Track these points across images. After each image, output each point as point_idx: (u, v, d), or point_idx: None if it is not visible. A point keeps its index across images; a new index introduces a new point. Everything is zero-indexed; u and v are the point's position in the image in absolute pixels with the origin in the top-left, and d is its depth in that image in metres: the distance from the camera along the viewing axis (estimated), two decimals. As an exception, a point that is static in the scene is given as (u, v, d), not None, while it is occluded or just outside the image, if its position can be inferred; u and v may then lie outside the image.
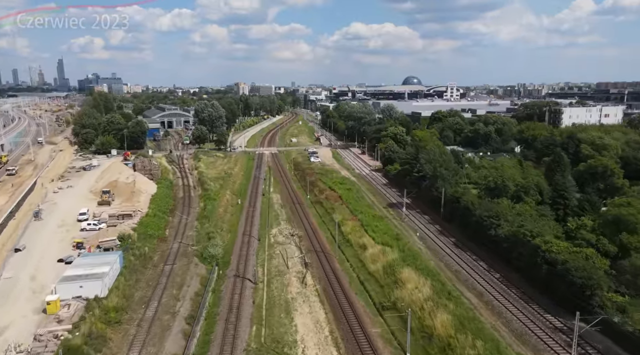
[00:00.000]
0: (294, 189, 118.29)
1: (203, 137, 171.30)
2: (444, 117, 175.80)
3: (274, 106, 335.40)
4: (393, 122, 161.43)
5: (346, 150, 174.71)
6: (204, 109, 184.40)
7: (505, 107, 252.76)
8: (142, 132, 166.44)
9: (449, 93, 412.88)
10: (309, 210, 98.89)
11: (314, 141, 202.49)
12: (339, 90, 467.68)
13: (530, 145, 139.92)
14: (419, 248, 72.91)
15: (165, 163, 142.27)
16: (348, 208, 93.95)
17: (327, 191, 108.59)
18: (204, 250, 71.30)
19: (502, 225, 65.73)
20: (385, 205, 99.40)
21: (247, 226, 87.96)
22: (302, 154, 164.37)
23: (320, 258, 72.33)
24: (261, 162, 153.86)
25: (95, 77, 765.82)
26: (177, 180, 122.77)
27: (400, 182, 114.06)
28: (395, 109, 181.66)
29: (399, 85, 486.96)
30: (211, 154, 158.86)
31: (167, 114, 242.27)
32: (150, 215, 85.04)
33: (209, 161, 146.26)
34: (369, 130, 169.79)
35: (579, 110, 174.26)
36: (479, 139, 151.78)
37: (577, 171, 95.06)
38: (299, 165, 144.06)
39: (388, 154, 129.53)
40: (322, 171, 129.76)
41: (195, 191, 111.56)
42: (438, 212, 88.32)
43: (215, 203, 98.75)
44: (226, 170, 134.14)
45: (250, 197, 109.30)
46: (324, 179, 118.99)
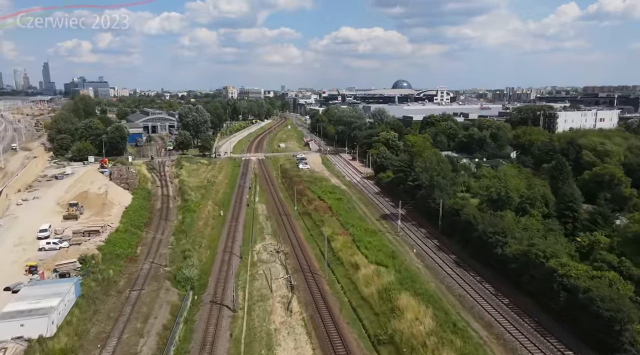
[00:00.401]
0: (280, 198, 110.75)
1: (187, 142, 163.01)
2: (437, 121, 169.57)
3: (262, 110, 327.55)
4: (385, 127, 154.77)
5: (336, 156, 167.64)
6: (188, 114, 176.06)
7: (497, 111, 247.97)
8: (122, 138, 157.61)
9: (439, 97, 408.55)
10: (297, 223, 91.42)
11: (303, 146, 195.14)
12: (329, 94, 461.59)
13: (526, 151, 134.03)
14: (417, 267, 65.80)
15: (145, 171, 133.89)
16: (338, 220, 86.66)
17: (316, 201, 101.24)
18: (177, 271, 63.43)
19: (509, 243, 58.90)
20: (378, 216, 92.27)
21: (229, 241, 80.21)
22: (290, 160, 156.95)
23: (307, 279, 64.86)
24: (247, 169, 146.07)
25: (82, 80, 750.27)
26: (156, 190, 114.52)
27: (394, 190, 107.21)
28: (387, 113, 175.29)
29: (389, 89, 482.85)
30: (195, 160, 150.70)
31: (150, 119, 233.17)
32: (120, 231, 76.88)
33: (191, 168, 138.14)
34: (359, 136, 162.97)
35: (574, 114, 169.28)
36: (473, 144, 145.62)
37: (582, 180, 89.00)
38: (286, 173, 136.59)
39: (380, 161, 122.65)
40: (311, 179, 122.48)
41: (175, 202, 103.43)
42: (435, 224, 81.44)
43: (195, 215, 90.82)
44: (209, 178, 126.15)
45: (233, 208, 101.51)
46: (312, 188, 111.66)
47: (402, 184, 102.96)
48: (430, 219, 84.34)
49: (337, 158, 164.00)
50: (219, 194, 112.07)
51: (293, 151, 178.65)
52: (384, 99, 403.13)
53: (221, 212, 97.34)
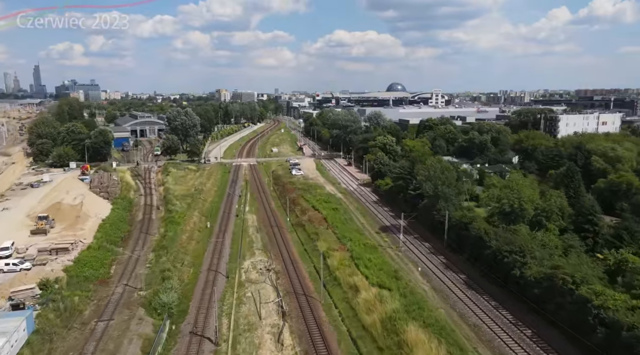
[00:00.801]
0: (272, 208, 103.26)
1: (174, 147, 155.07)
2: (435, 125, 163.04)
3: (255, 113, 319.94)
4: (381, 131, 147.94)
5: (331, 161, 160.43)
6: (177, 117, 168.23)
7: (495, 114, 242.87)
8: (106, 143, 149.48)
9: (434, 100, 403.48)
10: (289, 236, 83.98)
11: (297, 151, 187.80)
12: (323, 97, 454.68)
13: (530, 156, 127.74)
14: (423, 289, 58.56)
15: (129, 178, 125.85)
16: (335, 233, 79.32)
17: (310, 211, 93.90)
18: (154, 296, 55.74)
19: (528, 264, 51.90)
20: (377, 229, 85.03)
21: (215, 258, 72.55)
22: (283, 165, 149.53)
23: (301, 303, 57.45)
24: (238, 175, 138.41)
25: (73, 83, 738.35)
26: (139, 199, 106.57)
27: (394, 199, 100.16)
28: (383, 116, 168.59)
29: (383, 91, 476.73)
30: (182, 166, 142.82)
31: (139, 122, 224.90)
32: (93, 248, 68.93)
33: (178, 175, 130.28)
34: (355, 140, 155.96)
35: (576, 117, 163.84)
36: (474, 149, 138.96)
37: (597, 189, 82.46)
38: (279, 179, 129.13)
39: (378, 167, 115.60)
40: (305, 186, 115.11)
41: (158, 212, 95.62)
42: (440, 238, 74.40)
43: (179, 228, 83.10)
44: (197, 185, 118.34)
45: (221, 219, 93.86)
46: (306, 196, 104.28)
47: (402, 192, 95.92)
48: (435, 231, 77.32)
49: (332, 163, 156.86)
50: (206, 204, 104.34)
51: (286, 156, 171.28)
52: (378, 102, 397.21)
53: (208, 224, 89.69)
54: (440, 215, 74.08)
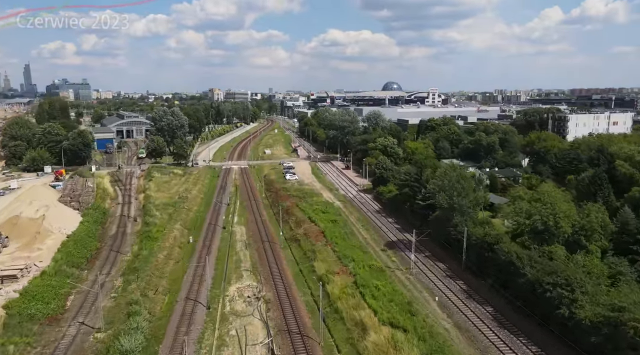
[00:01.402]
0: (264, 218, 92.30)
1: (160, 150, 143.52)
2: (437, 125, 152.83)
3: (248, 113, 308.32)
4: (381, 132, 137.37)
5: (327, 164, 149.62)
6: (163, 117, 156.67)
7: (496, 113, 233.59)
8: (85, 145, 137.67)
9: (431, 99, 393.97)
10: (282, 253, 73.09)
11: (291, 153, 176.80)
12: (317, 96, 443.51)
13: (542, 159, 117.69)
14: (444, 328, 47.90)
15: (107, 183, 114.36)
16: (334, 251, 68.54)
17: (306, 223, 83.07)
18: (113, 340, 44.70)
19: (579, 301, 41.37)
20: (383, 245, 74.24)
21: (195, 283, 61.54)
22: (276, 168, 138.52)
23: (296, 345, 46.63)
24: (227, 180, 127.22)
25: (64, 82, 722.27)
26: (115, 209, 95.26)
27: (399, 209, 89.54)
28: (383, 116, 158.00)
29: (378, 90, 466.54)
30: (167, 170, 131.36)
31: (125, 122, 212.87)
32: (49, 274, 57.67)
33: (162, 180, 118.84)
34: (353, 141, 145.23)
35: (586, 117, 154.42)
36: (480, 151, 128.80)
37: (632, 198, 72.17)
38: (272, 185, 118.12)
39: (380, 172, 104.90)
40: (300, 193, 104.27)
41: (135, 225, 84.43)
42: (456, 257, 63.87)
43: (156, 245, 71.92)
44: (181, 193, 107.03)
45: (206, 233, 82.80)
46: (302, 205, 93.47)
47: (408, 202, 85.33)
48: (449, 249, 66.74)
49: (329, 166, 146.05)
50: (190, 214, 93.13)
51: (280, 158, 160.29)
52: (374, 101, 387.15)
53: (190, 239, 78.59)
54: (456, 231, 63.51)
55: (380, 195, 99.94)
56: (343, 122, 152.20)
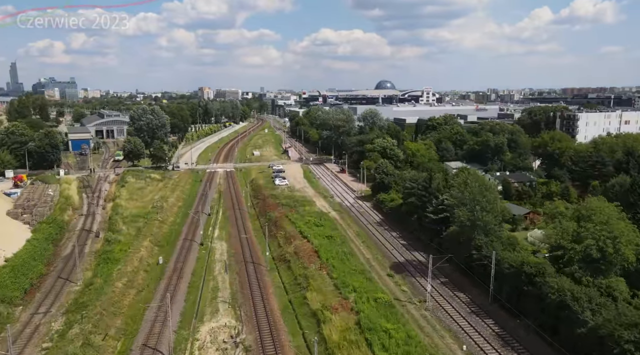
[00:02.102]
0: (249, 232, 79.67)
1: (137, 151, 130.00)
2: (439, 124, 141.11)
3: (237, 112, 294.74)
4: (379, 132, 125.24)
5: (321, 167, 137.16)
6: (142, 116, 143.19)
7: (496, 112, 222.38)
8: (54, 146, 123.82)
9: (425, 98, 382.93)
10: (269, 277, 60.62)
11: (281, 154, 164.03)
12: (309, 95, 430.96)
13: (555, 161, 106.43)
14: (481, 396, 35.78)
15: (74, 191, 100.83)
16: (331, 278, 56.21)
17: (297, 239, 70.62)
18: None
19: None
20: (389, 267, 61.78)
21: (159, 321, 48.80)
22: (265, 172, 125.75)
23: None
24: (210, 185, 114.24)
25: (50, 81, 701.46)
26: (77, 221, 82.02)
27: (404, 221, 77.41)
28: (380, 115, 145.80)
29: (371, 89, 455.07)
30: (144, 174, 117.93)
31: (105, 122, 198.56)
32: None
33: (136, 186, 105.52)
34: (348, 142, 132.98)
35: (597, 115, 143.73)
36: (488, 153, 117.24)
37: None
38: (259, 191, 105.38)
39: (380, 178, 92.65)
40: (290, 201, 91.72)
41: (96, 242, 71.34)
42: (480, 285, 51.75)
43: (116, 269, 59.04)
44: (156, 201, 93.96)
45: (180, 251, 70.01)
46: (292, 216, 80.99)
47: (415, 213, 73.25)
48: (470, 275, 54.60)
49: (322, 169, 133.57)
50: (164, 227, 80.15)
51: (269, 160, 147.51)
52: (367, 100, 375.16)
53: (160, 259, 65.70)
54: (481, 254, 51.43)
55: (381, 204, 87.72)
56: (337, 121, 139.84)
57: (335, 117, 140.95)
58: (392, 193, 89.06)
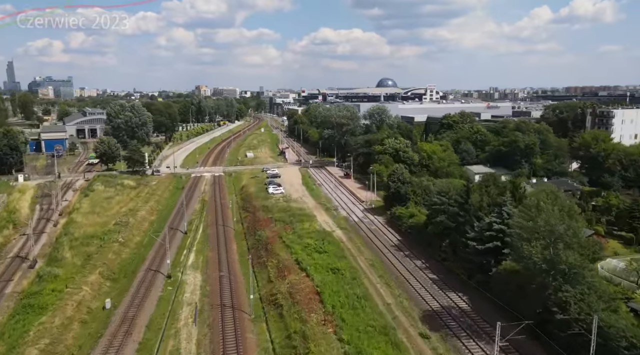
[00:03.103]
0: (232, 258, 61.96)
1: (112, 153, 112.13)
2: (455, 122, 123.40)
3: (232, 110, 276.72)
4: (390, 132, 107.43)
5: (322, 171, 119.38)
6: (119, 113, 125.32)
7: (509, 110, 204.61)
8: (13, 148, 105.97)
9: (429, 95, 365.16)
10: (252, 337, 42.73)
11: (277, 156, 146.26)
12: (309, 93, 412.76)
13: (599, 165, 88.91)
14: None
15: (26, 202, 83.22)
16: (339, 340, 38.56)
17: (293, 272, 52.97)
18: None
19: None
20: (421, 320, 43.58)
21: None
22: (257, 177, 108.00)
23: None
24: (193, 194, 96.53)
25: (46, 80, 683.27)
26: (14, 244, 64.22)
27: (429, 243, 59.59)
28: (388, 112, 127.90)
29: (372, 87, 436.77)
30: (117, 180, 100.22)
31: (87, 120, 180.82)
32: None
33: (103, 196, 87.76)
34: (353, 143, 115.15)
35: (634, 113, 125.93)
36: (517, 155, 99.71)
37: None
38: (249, 201, 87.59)
39: (396, 187, 74.82)
40: (286, 215, 74.01)
41: (26, 277, 53.55)
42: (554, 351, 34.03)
43: (37, 324, 41.34)
44: (123, 214, 76.28)
45: (138, 288, 52.27)
46: (287, 237, 63.37)
47: (447, 236, 55.53)
48: (546, 342, 36.75)
49: (324, 174, 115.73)
50: (124, 251, 62.38)
51: (263, 163, 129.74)
52: (368, 98, 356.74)
53: (107, 302, 47.96)
54: (570, 318, 33.64)
55: (398, 221, 69.86)
56: (340, 118, 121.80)
57: (338, 114, 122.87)
58: (410, 206, 71.41)
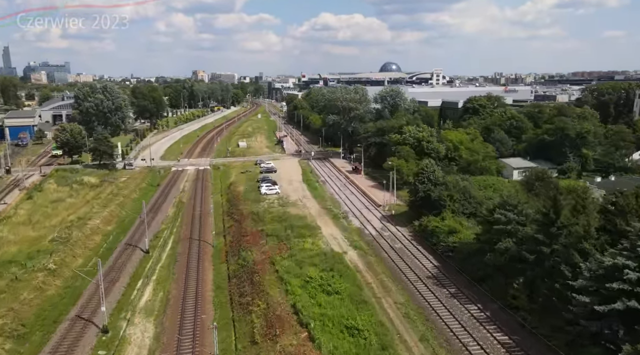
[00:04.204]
0: (203, 292, 43.14)
1: (75, 143, 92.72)
2: (482, 107, 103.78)
3: (227, 95, 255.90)
4: (410, 117, 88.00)
5: (326, 164, 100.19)
6: (89, 95, 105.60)
7: (529, 94, 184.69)
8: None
9: (435, 80, 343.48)
10: None
11: (274, 145, 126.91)
12: (309, 78, 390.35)
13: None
14: None
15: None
16: None
17: (289, 328, 34.35)
18: None
19: None
20: None
21: None
22: (250, 172, 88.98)
23: None
24: (169, 193, 77.57)
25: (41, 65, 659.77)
26: None
27: (486, 276, 40.63)
28: (403, 95, 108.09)
29: (376, 72, 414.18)
30: (77, 176, 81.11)
31: (64, 105, 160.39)
32: None
33: (52, 197, 68.81)
34: (363, 131, 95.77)
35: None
36: (564, 146, 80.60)
37: None
38: (236, 205, 68.54)
39: (426, 189, 55.62)
40: (281, 226, 55.22)
41: None
42: None
43: None
44: (68, 225, 57.28)
45: (52, 352, 33.57)
46: (282, 263, 44.66)
47: (521, 273, 36.63)
48: None
49: (328, 168, 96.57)
50: (50, 287, 43.54)
51: (258, 154, 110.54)
52: (371, 83, 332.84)
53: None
54: None
55: (431, 237, 50.88)
56: (347, 102, 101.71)
57: (345, 96, 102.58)
58: (447, 216, 52.41)
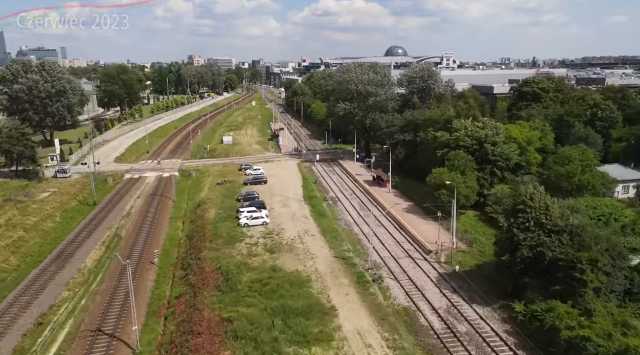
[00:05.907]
0: None
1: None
2: (544, 91, 75.84)
3: (219, 80, 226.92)
4: (463, 106, 60.32)
5: (335, 170, 73.11)
6: (18, 76, 77.98)
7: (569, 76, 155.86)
8: None
9: (445, 64, 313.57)
10: None
11: (268, 141, 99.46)
12: (310, 63, 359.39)
13: None
14: None
15: None
16: None
17: None
18: None
19: None
20: None
21: None
22: (230, 183, 61.91)
23: None
24: (104, 219, 50.55)
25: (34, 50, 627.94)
26: None
27: None
28: (437, 76, 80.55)
29: (380, 56, 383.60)
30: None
31: None
32: None
33: None
34: (386, 125, 68.18)
35: None
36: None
37: None
38: (198, 246, 41.49)
39: (536, 242, 28.57)
40: (264, 316, 28.63)
41: None
42: None
43: None
44: None
45: None
46: None
47: None
48: None
49: (338, 176, 69.48)
50: None
51: (245, 154, 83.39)
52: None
53: None
54: None
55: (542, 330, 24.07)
56: (364, 85, 73.42)
57: (360, 77, 74.34)
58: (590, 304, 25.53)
